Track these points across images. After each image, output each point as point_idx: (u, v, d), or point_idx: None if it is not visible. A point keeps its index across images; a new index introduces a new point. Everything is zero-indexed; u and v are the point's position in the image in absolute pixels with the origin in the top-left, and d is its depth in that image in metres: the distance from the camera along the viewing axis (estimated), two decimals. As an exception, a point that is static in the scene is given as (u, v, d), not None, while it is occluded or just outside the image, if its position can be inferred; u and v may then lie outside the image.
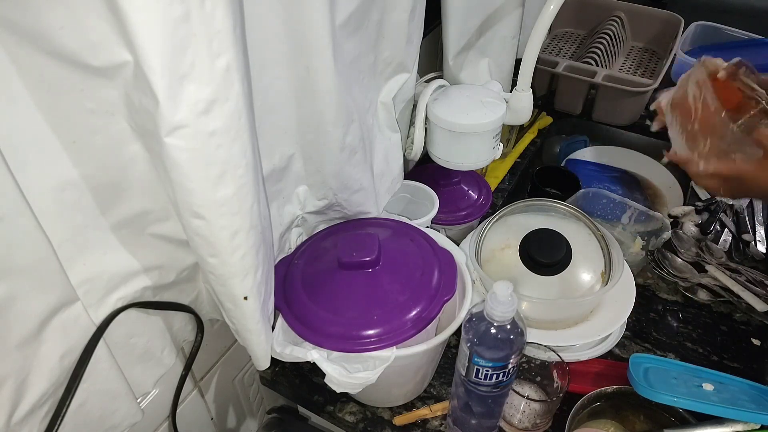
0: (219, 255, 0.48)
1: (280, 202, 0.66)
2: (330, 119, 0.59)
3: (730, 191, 0.69)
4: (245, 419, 0.88)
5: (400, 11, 0.65)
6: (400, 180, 0.82)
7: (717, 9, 1.42)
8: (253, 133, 0.46)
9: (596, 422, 0.69)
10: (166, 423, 0.68)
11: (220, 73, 0.39)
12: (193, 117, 0.39)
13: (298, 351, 0.59)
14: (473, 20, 0.84)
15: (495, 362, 0.56)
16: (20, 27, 0.36)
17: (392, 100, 0.73)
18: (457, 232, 0.90)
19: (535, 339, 0.69)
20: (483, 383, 0.58)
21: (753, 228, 0.95)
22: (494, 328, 0.55)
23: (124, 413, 0.55)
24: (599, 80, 1.12)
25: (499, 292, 0.53)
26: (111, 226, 0.49)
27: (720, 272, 0.86)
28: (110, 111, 0.42)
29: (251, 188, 0.47)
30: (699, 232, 0.93)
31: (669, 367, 0.69)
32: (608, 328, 0.73)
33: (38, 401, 0.45)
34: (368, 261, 0.64)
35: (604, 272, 0.74)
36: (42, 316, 0.43)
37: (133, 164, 0.46)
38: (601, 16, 1.31)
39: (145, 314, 0.56)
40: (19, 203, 0.38)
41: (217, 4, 0.37)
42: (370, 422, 0.72)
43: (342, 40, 0.56)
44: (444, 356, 0.77)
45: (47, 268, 0.42)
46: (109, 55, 0.37)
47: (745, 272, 0.86)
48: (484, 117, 0.76)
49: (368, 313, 0.61)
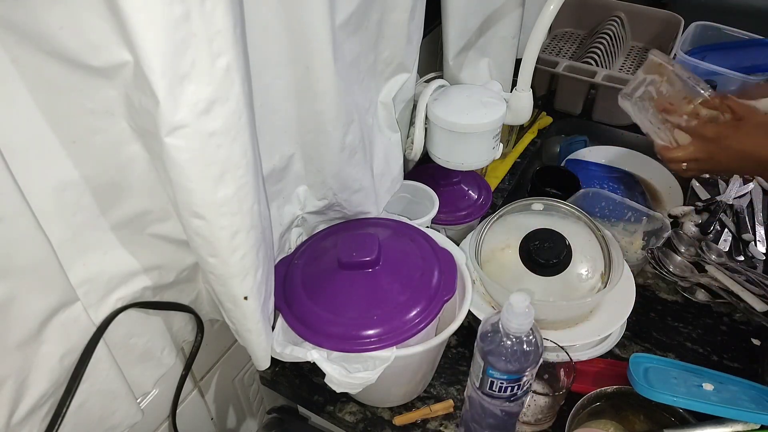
0: (219, 255, 0.48)
1: (280, 202, 0.66)
2: (330, 119, 0.59)
3: (706, 164, 0.74)
4: (245, 419, 0.88)
5: (400, 11, 0.65)
6: (400, 180, 0.82)
7: (717, 9, 1.42)
8: (254, 133, 0.46)
9: (596, 422, 0.69)
10: (166, 423, 0.68)
11: (221, 73, 0.39)
12: (193, 117, 0.39)
13: (298, 351, 0.59)
14: (473, 20, 0.84)
15: (510, 375, 0.55)
16: (20, 27, 0.36)
17: (392, 100, 0.73)
18: (457, 232, 0.90)
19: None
20: (497, 395, 0.58)
21: (753, 228, 0.95)
22: (510, 340, 0.55)
23: (124, 413, 0.55)
24: (599, 80, 1.12)
25: (515, 304, 0.52)
26: (111, 226, 0.49)
27: (720, 272, 0.86)
28: (110, 111, 0.42)
29: (251, 188, 0.47)
30: (699, 232, 0.93)
31: (669, 367, 0.69)
32: (608, 328, 0.73)
33: (38, 401, 0.45)
34: (368, 261, 0.64)
35: (604, 272, 0.74)
36: (42, 317, 0.43)
37: (133, 164, 0.46)
38: (601, 16, 1.31)
39: (145, 314, 0.56)
40: (19, 203, 0.38)
41: (217, 4, 0.37)
42: (370, 422, 0.72)
43: (342, 40, 0.56)
44: (444, 356, 0.77)
45: (47, 269, 0.42)
46: (109, 55, 0.37)
47: (745, 272, 0.86)
48: (484, 117, 0.76)
49: (368, 313, 0.61)
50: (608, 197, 0.93)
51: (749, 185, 1.01)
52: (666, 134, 0.76)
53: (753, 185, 1.02)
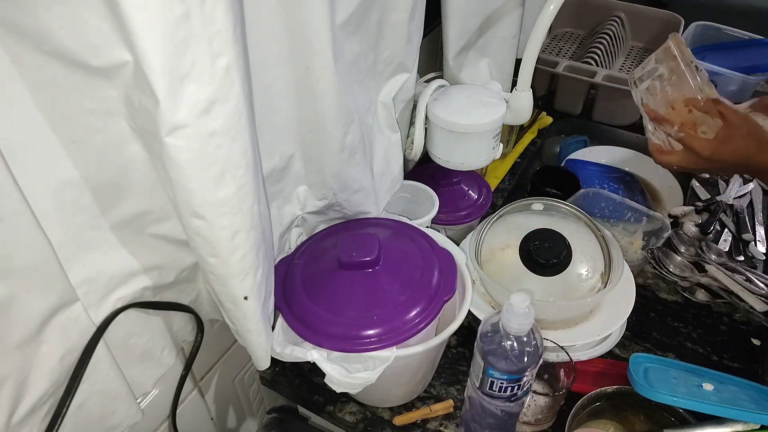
0: (219, 255, 0.48)
1: (280, 202, 0.66)
2: (330, 119, 0.59)
3: (697, 171, 0.77)
4: (245, 419, 0.88)
5: (400, 11, 0.65)
6: (400, 180, 0.82)
7: (717, 9, 1.42)
8: (254, 133, 0.46)
9: (596, 422, 0.69)
10: (166, 423, 0.68)
11: (221, 73, 0.39)
12: (193, 117, 0.39)
13: (298, 351, 0.59)
14: (473, 20, 0.84)
15: (510, 375, 0.55)
16: (20, 27, 0.36)
17: (392, 100, 0.73)
18: (457, 232, 0.90)
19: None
20: (497, 395, 0.58)
21: (753, 228, 0.95)
22: (510, 340, 0.55)
23: (123, 413, 0.55)
24: (599, 80, 1.12)
25: (515, 304, 0.52)
26: (111, 226, 0.49)
27: (720, 272, 0.86)
28: (110, 111, 0.42)
29: (251, 188, 0.47)
30: (699, 232, 0.93)
31: (669, 368, 0.69)
32: (608, 328, 0.73)
33: (38, 401, 0.45)
34: (368, 261, 0.64)
35: (604, 272, 0.74)
36: (42, 317, 0.43)
37: (133, 164, 0.46)
38: (601, 16, 1.31)
39: (145, 314, 0.56)
40: (19, 203, 0.38)
41: (217, 4, 0.37)
42: (370, 422, 0.72)
43: (342, 40, 0.56)
44: (444, 356, 0.77)
45: (47, 269, 0.42)
46: (109, 55, 0.37)
47: (745, 272, 0.86)
48: (484, 117, 0.76)
49: (368, 313, 0.61)
50: (608, 197, 0.93)
51: (749, 185, 1.01)
52: (662, 134, 0.76)
53: (753, 185, 1.02)
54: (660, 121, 0.76)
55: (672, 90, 0.76)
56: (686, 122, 0.75)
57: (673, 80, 0.76)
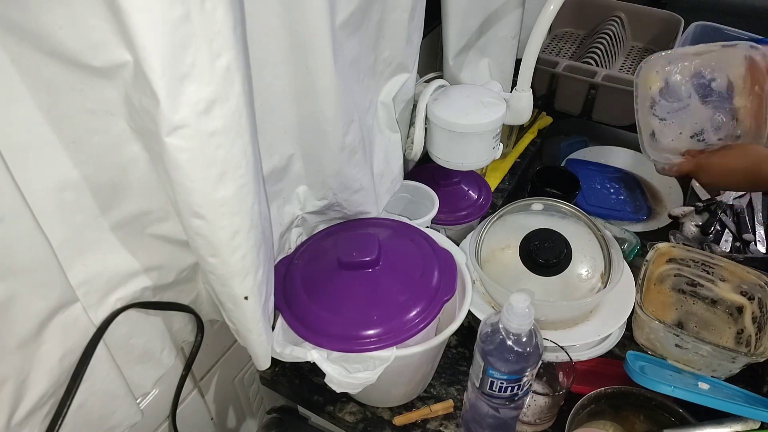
0: (219, 255, 0.48)
1: (280, 202, 0.66)
2: (330, 119, 0.59)
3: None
4: (245, 419, 0.88)
5: (400, 11, 0.65)
6: (400, 180, 0.82)
7: (717, 9, 1.42)
8: (254, 132, 0.46)
9: (596, 422, 0.69)
10: (166, 423, 0.68)
11: (221, 73, 0.39)
12: (193, 117, 0.39)
13: (298, 351, 0.59)
14: (473, 20, 0.84)
15: (510, 375, 0.55)
16: (20, 27, 0.36)
17: (392, 100, 0.73)
18: (457, 232, 0.90)
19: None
20: (497, 396, 0.58)
21: (753, 228, 0.95)
22: (510, 340, 0.55)
23: (123, 414, 0.55)
24: (599, 80, 1.12)
25: (515, 304, 0.52)
26: (111, 226, 0.49)
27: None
28: (110, 111, 0.42)
29: (251, 188, 0.47)
30: (699, 232, 0.93)
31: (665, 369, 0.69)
32: (608, 328, 0.73)
33: (38, 402, 0.45)
34: (368, 261, 0.64)
35: (604, 272, 0.74)
36: (42, 317, 0.43)
37: (133, 164, 0.46)
38: (601, 16, 1.31)
39: (144, 314, 0.56)
40: (18, 204, 0.38)
41: (217, 4, 0.37)
42: (370, 422, 0.72)
43: (342, 39, 0.56)
44: (444, 356, 0.77)
45: (47, 269, 0.42)
46: (109, 55, 0.37)
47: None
48: (484, 117, 0.76)
49: (368, 313, 0.61)
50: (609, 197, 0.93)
51: (749, 185, 1.01)
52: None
53: (753, 185, 1.02)
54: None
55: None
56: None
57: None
